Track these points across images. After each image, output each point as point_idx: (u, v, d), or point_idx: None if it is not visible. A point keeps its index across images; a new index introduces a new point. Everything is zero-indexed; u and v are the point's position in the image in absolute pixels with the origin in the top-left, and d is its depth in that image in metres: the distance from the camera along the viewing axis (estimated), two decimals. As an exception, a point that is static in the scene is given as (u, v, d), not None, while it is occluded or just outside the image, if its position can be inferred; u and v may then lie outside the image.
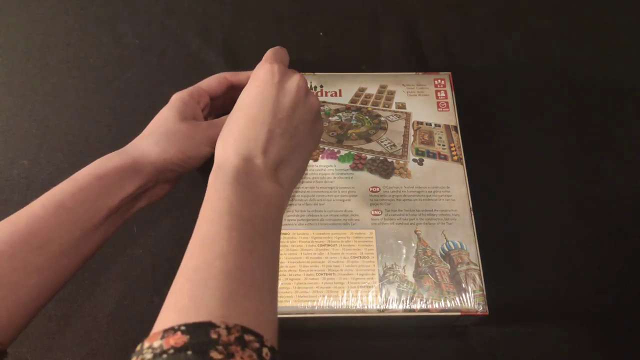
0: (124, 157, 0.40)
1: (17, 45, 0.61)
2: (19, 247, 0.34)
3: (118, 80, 0.59)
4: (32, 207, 0.36)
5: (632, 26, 0.64)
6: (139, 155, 0.40)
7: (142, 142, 0.42)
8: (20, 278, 0.33)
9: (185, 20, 0.63)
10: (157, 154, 0.41)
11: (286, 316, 0.42)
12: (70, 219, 0.36)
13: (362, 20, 0.64)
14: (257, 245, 0.31)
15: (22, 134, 0.55)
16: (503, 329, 0.46)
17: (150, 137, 0.42)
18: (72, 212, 0.36)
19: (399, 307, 0.42)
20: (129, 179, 0.39)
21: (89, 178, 0.38)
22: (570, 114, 0.58)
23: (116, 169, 0.39)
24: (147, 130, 0.44)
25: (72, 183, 0.38)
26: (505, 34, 0.64)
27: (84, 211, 0.37)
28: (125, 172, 0.39)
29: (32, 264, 0.34)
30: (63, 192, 0.37)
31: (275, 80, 0.38)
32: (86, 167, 0.40)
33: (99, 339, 0.45)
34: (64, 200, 0.36)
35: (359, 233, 0.45)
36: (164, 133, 0.42)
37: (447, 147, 0.50)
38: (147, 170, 0.40)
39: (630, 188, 0.54)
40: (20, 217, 0.35)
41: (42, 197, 0.37)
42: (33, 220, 0.35)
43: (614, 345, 0.47)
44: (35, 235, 0.34)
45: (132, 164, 0.40)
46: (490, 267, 0.44)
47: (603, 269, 0.50)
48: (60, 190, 0.37)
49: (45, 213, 0.35)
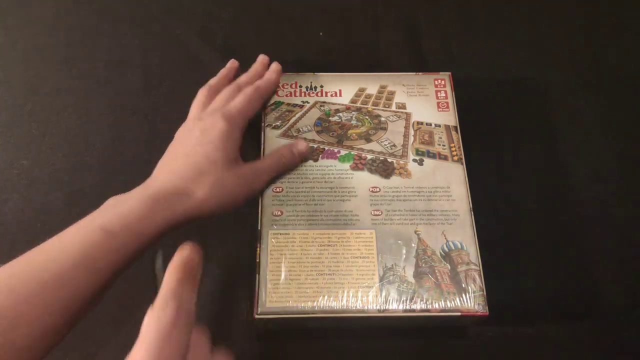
0: (182, 214, 0.40)
1: (17, 45, 0.61)
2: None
3: (118, 80, 0.59)
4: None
5: (632, 27, 0.64)
6: (196, 207, 0.40)
7: (199, 190, 0.41)
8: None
9: (185, 20, 0.63)
10: (201, 212, 0.41)
11: (286, 316, 0.42)
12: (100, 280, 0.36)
13: (362, 20, 0.64)
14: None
15: (22, 134, 0.55)
16: (503, 329, 0.46)
17: (198, 187, 0.41)
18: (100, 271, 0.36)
19: (399, 307, 0.42)
20: (166, 233, 0.40)
21: (126, 234, 0.37)
22: (570, 114, 0.58)
23: (158, 228, 0.39)
24: (192, 169, 0.41)
25: (105, 235, 0.36)
26: (505, 34, 0.64)
27: (111, 273, 0.36)
28: (166, 230, 0.39)
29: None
30: (94, 246, 0.35)
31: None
32: (150, 211, 0.38)
33: (99, 339, 0.45)
34: (95, 257, 0.35)
35: (359, 233, 0.45)
36: (211, 184, 0.41)
37: (447, 147, 0.50)
38: (186, 222, 0.41)
39: (631, 188, 0.54)
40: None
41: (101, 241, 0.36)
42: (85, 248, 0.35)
43: (614, 345, 0.47)
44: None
45: (184, 220, 0.40)
46: (490, 267, 0.44)
47: (603, 269, 0.50)
48: (92, 244, 0.35)
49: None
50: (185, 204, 0.40)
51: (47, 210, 0.51)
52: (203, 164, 0.41)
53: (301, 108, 0.52)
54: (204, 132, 0.43)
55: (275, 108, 0.52)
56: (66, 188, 0.52)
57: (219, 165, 0.42)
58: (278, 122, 0.51)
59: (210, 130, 0.43)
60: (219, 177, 0.42)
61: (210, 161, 0.42)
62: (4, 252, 0.49)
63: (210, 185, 0.41)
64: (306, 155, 0.48)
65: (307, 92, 0.53)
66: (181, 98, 0.58)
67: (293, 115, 0.52)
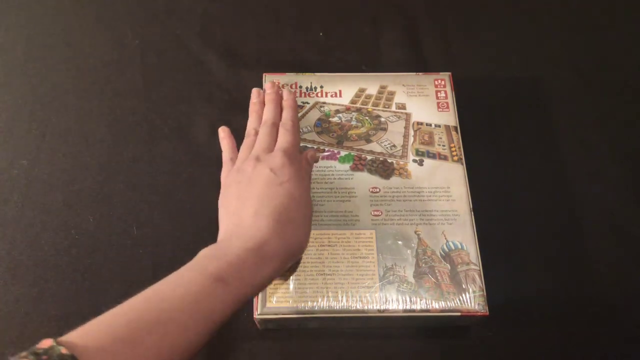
0: (288, 261, 0.40)
1: (17, 45, 0.61)
2: None
3: (118, 80, 0.59)
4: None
5: (632, 27, 0.65)
6: (297, 254, 0.41)
7: (297, 235, 0.41)
8: None
9: (185, 20, 0.63)
10: (303, 250, 0.42)
11: (286, 316, 0.42)
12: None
13: (362, 20, 0.64)
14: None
15: (22, 134, 0.55)
16: (503, 329, 0.46)
17: (303, 229, 0.41)
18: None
19: (399, 307, 0.42)
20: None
21: (264, 285, 0.38)
22: (570, 114, 0.58)
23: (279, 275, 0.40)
24: (283, 211, 0.40)
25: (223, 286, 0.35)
26: (505, 34, 0.64)
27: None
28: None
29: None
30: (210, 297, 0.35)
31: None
32: (257, 264, 0.37)
33: (99, 339, 0.45)
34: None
35: (359, 233, 0.45)
36: (307, 224, 0.42)
37: (447, 147, 0.50)
38: None
39: (631, 188, 0.54)
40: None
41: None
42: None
43: (614, 345, 0.47)
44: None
45: (288, 266, 0.41)
46: (490, 267, 0.44)
47: (603, 269, 0.50)
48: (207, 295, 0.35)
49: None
50: (289, 252, 0.39)
51: (47, 210, 0.51)
52: (290, 205, 0.40)
53: (301, 109, 0.52)
54: (275, 171, 0.41)
55: (275, 108, 0.52)
56: (66, 188, 0.52)
57: (303, 202, 0.42)
58: (278, 122, 0.51)
59: (281, 168, 0.42)
60: (305, 214, 0.42)
61: (295, 200, 0.41)
62: (4, 252, 0.49)
63: (304, 226, 0.41)
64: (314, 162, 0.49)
65: (307, 92, 0.53)
66: (181, 98, 0.58)
67: (293, 115, 0.52)
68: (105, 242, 0.50)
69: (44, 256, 0.49)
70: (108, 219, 0.51)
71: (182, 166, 0.54)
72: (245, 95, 0.52)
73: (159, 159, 0.54)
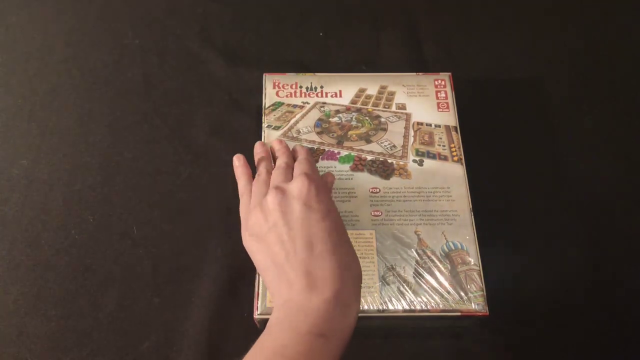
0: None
1: (17, 45, 0.61)
2: None
3: (118, 80, 0.59)
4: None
5: (632, 27, 0.65)
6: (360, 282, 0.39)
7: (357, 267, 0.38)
8: None
9: (185, 20, 0.63)
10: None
11: (286, 316, 0.42)
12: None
13: (362, 20, 0.64)
14: None
15: (22, 134, 0.55)
16: (503, 329, 0.46)
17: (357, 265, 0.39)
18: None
19: (399, 307, 0.42)
20: None
21: (350, 334, 0.36)
22: (570, 113, 0.58)
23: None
24: (346, 236, 0.39)
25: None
26: (505, 34, 0.64)
27: None
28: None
29: None
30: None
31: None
32: (341, 314, 0.35)
33: (99, 339, 0.45)
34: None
35: (359, 234, 0.45)
36: (354, 255, 0.39)
37: (447, 147, 0.50)
38: None
39: (631, 188, 0.54)
40: None
41: None
42: None
43: (614, 345, 0.47)
44: None
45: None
46: (490, 267, 0.44)
47: (603, 269, 0.50)
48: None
49: None
50: (358, 285, 0.38)
51: (47, 210, 0.51)
52: (338, 239, 0.38)
53: (301, 109, 0.52)
54: (310, 204, 0.38)
55: (275, 109, 0.52)
56: (66, 188, 0.52)
57: (342, 227, 0.39)
58: (278, 123, 0.51)
59: (311, 195, 0.38)
60: (347, 238, 0.39)
61: (337, 230, 0.38)
62: (4, 252, 0.49)
63: (353, 251, 0.39)
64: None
65: (307, 92, 0.53)
66: (181, 98, 0.58)
67: (293, 116, 0.52)
68: (105, 242, 0.50)
69: (44, 256, 0.49)
70: (108, 219, 0.51)
71: (182, 166, 0.54)
72: (246, 95, 0.52)
73: (159, 159, 0.54)
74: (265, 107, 0.52)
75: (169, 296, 0.47)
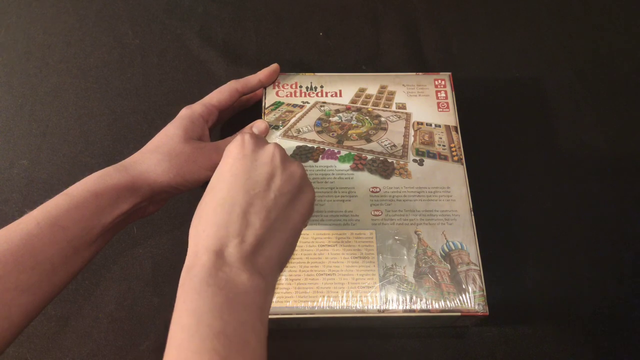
0: (123, 175, 0.39)
1: (17, 45, 0.61)
2: (11, 267, 0.33)
3: (118, 80, 0.59)
4: (25, 224, 0.34)
5: (631, 27, 0.64)
6: (138, 175, 0.40)
7: (144, 160, 0.41)
8: (11, 298, 0.32)
9: (185, 20, 0.63)
10: (156, 176, 0.40)
11: (286, 316, 0.42)
12: (64, 238, 0.35)
13: (362, 20, 0.64)
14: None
15: (22, 134, 0.55)
16: (503, 329, 0.46)
17: (152, 155, 0.41)
18: (66, 231, 0.35)
19: (399, 307, 0.42)
20: (125, 198, 0.39)
21: (85, 195, 0.37)
22: (570, 114, 0.58)
23: (114, 187, 0.38)
24: (151, 145, 0.43)
25: (67, 199, 0.36)
26: (505, 34, 0.64)
27: (78, 229, 0.36)
28: (123, 191, 0.39)
29: (24, 283, 0.33)
30: (58, 208, 0.36)
31: (246, 152, 0.36)
32: (82, 181, 0.38)
33: (99, 339, 0.45)
34: (59, 217, 0.35)
35: (359, 233, 0.45)
36: (166, 153, 0.41)
37: (447, 147, 0.50)
38: (145, 190, 0.40)
39: (630, 188, 0.54)
40: (13, 233, 0.34)
41: (36, 212, 0.35)
42: (27, 239, 0.34)
43: (614, 345, 0.47)
44: (28, 254, 0.33)
45: (130, 183, 0.39)
46: (490, 267, 0.44)
47: (603, 269, 0.50)
48: (55, 206, 0.36)
49: (40, 231, 0.34)
50: (138, 170, 0.40)
51: (47, 210, 0.51)
52: (161, 139, 0.43)
53: (301, 108, 0.52)
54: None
55: (275, 108, 0.52)
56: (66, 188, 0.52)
57: (176, 139, 0.43)
58: (278, 123, 0.51)
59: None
60: (173, 148, 0.42)
61: (167, 136, 0.43)
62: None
63: (163, 154, 0.41)
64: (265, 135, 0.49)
65: (307, 92, 0.53)
66: (181, 98, 0.58)
67: (293, 115, 0.52)
68: (105, 242, 0.50)
69: (44, 256, 0.49)
70: (108, 219, 0.51)
71: (182, 166, 0.54)
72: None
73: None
74: (265, 106, 0.52)
75: (169, 296, 0.47)
